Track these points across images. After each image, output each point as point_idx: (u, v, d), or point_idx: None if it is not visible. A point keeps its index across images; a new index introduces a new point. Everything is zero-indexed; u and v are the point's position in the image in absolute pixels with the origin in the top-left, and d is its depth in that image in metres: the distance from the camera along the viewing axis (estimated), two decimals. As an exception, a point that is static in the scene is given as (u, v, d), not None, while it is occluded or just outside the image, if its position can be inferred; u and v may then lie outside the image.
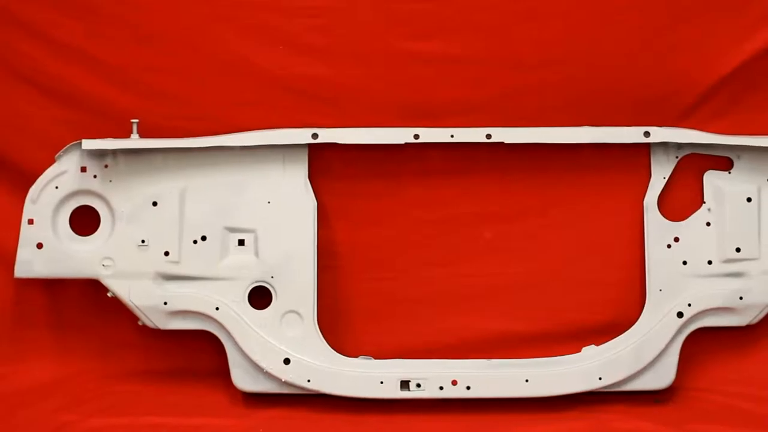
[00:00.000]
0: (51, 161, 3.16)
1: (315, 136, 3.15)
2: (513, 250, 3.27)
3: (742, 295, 3.14)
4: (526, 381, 3.10)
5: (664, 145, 3.20)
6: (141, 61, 3.23)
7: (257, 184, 3.17)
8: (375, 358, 3.16)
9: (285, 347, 3.12)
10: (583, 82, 3.24)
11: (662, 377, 3.13)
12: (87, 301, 3.27)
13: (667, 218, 3.19)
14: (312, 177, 3.19)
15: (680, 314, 3.13)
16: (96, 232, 3.18)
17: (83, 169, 3.15)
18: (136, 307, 3.13)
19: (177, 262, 3.15)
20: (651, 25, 3.22)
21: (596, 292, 3.26)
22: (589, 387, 3.11)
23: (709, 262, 3.17)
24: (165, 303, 3.13)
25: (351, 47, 3.24)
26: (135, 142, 3.14)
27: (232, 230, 3.17)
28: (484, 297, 3.28)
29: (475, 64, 3.24)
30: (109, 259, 3.14)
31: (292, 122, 3.20)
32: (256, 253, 3.16)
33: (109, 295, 3.16)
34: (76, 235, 3.17)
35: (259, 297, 3.16)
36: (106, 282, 3.14)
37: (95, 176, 3.15)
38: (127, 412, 3.10)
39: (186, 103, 3.24)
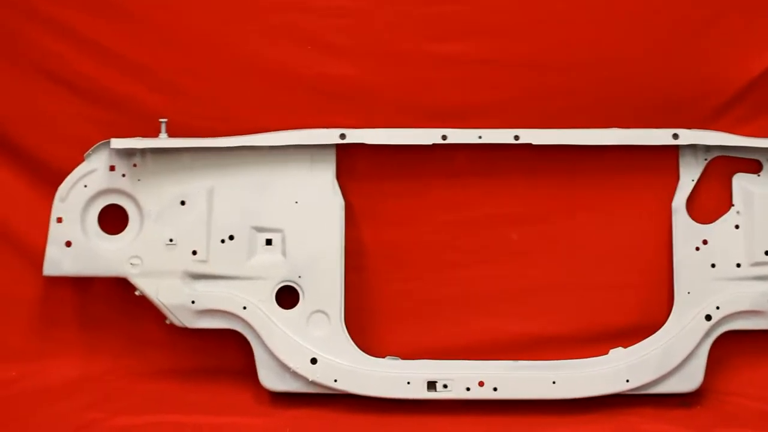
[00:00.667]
0: (80, 160, 3.18)
1: (343, 136, 3.16)
2: (540, 252, 3.27)
3: (771, 299, 3.13)
4: (553, 383, 3.09)
5: (693, 148, 3.20)
6: (170, 62, 3.25)
7: (285, 184, 3.18)
8: (402, 359, 3.16)
9: (312, 347, 3.13)
10: (610, 84, 3.23)
11: (690, 380, 3.12)
12: (115, 299, 3.28)
13: (695, 221, 3.19)
14: (339, 177, 3.19)
15: (708, 317, 3.12)
16: (124, 231, 3.19)
17: (112, 168, 3.16)
18: (164, 305, 3.14)
19: (205, 261, 3.15)
20: (679, 27, 3.21)
21: (624, 295, 3.26)
22: (616, 389, 3.10)
23: (738, 265, 3.16)
24: (192, 302, 3.13)
25: (378, 48, 3.24)
26: (163, 141, 3.15)
27: (260, 230, 3.17)
28: (511, 298, 3.28)
29: (502, 66, 3.24)
30: (137, 258, 3.15)
31: (319, 122, 3.20)
32: (284, 253, 3.16)
33: (136, 293, 3.17)
34: (105, 234, 3.18)
35: (287, 296, 3.17)
36: (134, 280, 3.15)
37: (124, 175, 3.16)
38: (154, 410, 3.10)
39: (214, 103, 3.25)
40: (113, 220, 3.19)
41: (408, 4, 3.24)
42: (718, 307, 3.13)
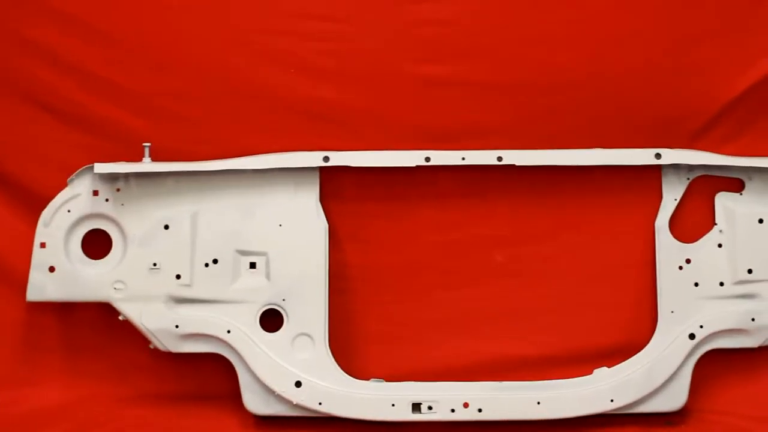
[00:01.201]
0: (63, 185, 3.18)
1: (326, 159, 3.16)
2: (524, 273, 3.27)
3: (755, 317, 3.13)
4: (538, 403, 3.09)
5: (676, 167, 3.21)
6: (153, 86, 3.25)
7: (269, 207, 3.18)
8: (386, 381, 3.16)
9: (296, 370, 3.12)
10: (594, 106, 3.25)
11: (674, 399, 3.13)
12: (99, 324, 3.27)
13: (678, 240, 3.19)
14: (323, 200, 3.19)
15: (692, 336, 3.13)
16: (108, 256, 3.18)
17: (95, 193, 3.16)
18: (148, 330, 3.13)
19: (189, 285, 3.15)
20: (661, 48, 3.23)
21: (608, 315, 3.26)
22: (600, 409, 3.11)
23: (721, 284, 3.17)
24: (176, 326, 3.13)
25: (362, 70, 3.25)
26: (147, 165, 3.15)
27: (244, 253, 3.17)
28: (496, 320, 3.28)
29: (487, 88, 3.25)
30: (121, 283, 3.15)
31: (303, 145, 3.21)
32: (268, 276, 3.16)
33: (120, 318, 3.16)
34: (88, 259, 3.18)
35: (271, 320, 3.16)
36: (118, 305, 3.15)
37: (107, 200, 3.16)
38: (139, 436, 3.10)
39: (198, 127, 3.26)
40: (97, 244, 3.19)
41: (392, 27, 3.25)
42: (701, 326, 3.13)
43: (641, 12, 3.22)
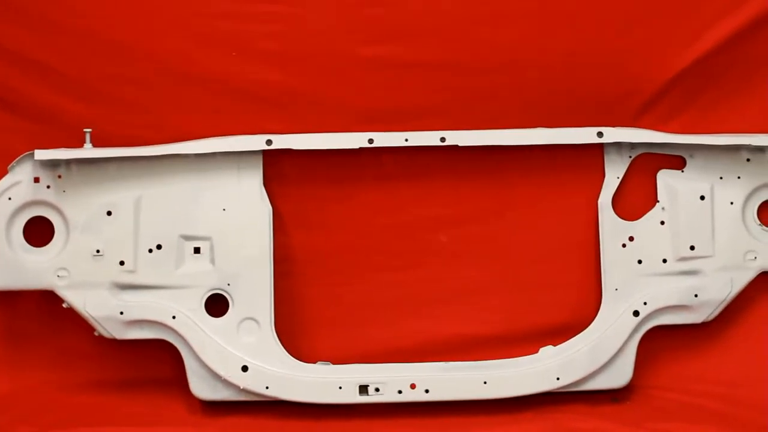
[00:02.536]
0: (3, 172, 3.14)
1: (269, 142, 3.15)
2: (469, 253, 3.28)
3: (697, 293, 3.16)
4: (485, 383, 3.11)
5: (618, 146, 3.22)
6: (93, 70, 3.21)
7: (212, 191, 3.16)
8: (333, 364, 3.16)
9: (243, 354, 3.12)
10: (537, 85, 3.25)
11: (619, 376, 3.15)
12: (42, 312, 3.25)
13: (621, 218, 3.21)
14: (267, 183, 3.18)
15: (636, 313, 3.15)
16: (50, 243, 3.16)
17: (36, 180, 3.13)
18: (92, 317, 3.11)
19: (132, 272, 3.13)
20: (602, 27, 3.23)
21: (553, 293, 3.27)
22: (547, 387, 3.12)
23: (664, 261, 3.19)
24: (121, 313, 3.11)
25: (305, 53, 3.23)
26: (88, 151, 3.13)
27: (188, 238, 3.16)
28: (442, 301, 3.28)
29: (429, 69, 3.24)
30: (64, 270, 3.13)
31: (246, 129, 3.19)
32: (212, 261, 3.15)
33: (64, 306, 3.14)
34: (31, 246, 3.15)
35: (216, 304, 3.15)
36: (61, 293, 3.13)
37: (49, 186, 3.14)
38: (85, 423, 3.07)
39: (139, 112, 3.23)
40: (39, 232, 3.16)
41: (334, 9, 3.22)
42: (645, 303, 3.15)
43: (583, -9, 3.23)
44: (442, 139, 3.16)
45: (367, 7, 3.22)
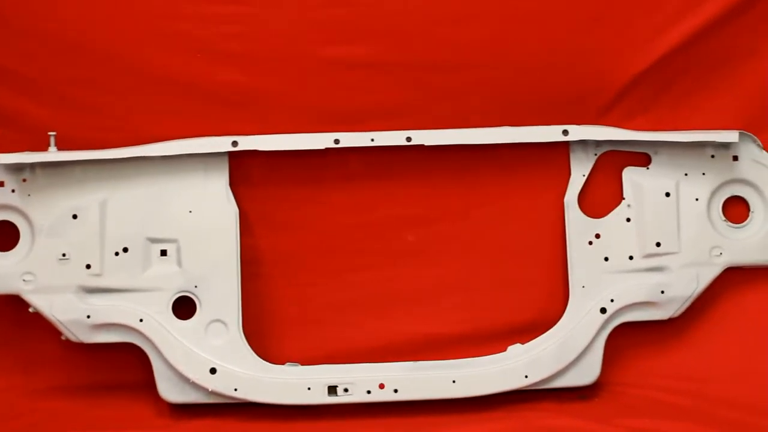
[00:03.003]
0: (-33, 177, 3.13)
1: (235, 143, 3.14)
2: (436, 253, 3.28)
3: (664, 289, 3.17)
4: (453, 382, 3.11)
5: (583, 143, 3.23)
6: (57, 73, 3.20)
7: (178, 193, 3.15)
8: (302, 365, 3.16)
9: (211, 357, 3.11)
10: (502, 84, 3.25)
11: (587, 373, 3.16)
12: (8, 317, 3.23)
13: (587, 215, 3.22)
14: (233, 185, 3.18)
15: (603, 310, 3.16)
16: (16, 247, 3.14)
17: (1, 184, 3.12)
18: (59, 321, 3.10)
19: (99, 275, 3.12)
20: (566, 26, 3.24)
21: (521, 292, 3.28)
22: (515, 385, 3.13)
23: (630, 258, 3.20)
24: (88, 316, 3.10)
25: (269, 54, 3.22)
26: (53, 155, 3.11)
27: (155, 241, 3.15)
28: (410, 300, 3.28)
29: (394, 68, 3.24)
30: (30, 274, 3.11)
31: (212, 131, 3.18)
32: (179, 263, 3.14)
33: (30, 310, 3.12)
34: (-5, 251, 3.14)
35: (184, 307, 3.14)
36: (27, 297, 3.11)
37: (13, 190, 3.12)
38: (53, 427, 3.06)
39: (104, 115, 3.21)
40: (4, 236, 3.14)
41: (298, 9, 3.21)
42: (612, 300, 3.16)
43: (546, -10, 3.24)
44: (408, 139, 3.16)
45: (329, 8, 3.21)
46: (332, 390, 3.10)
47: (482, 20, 3.23)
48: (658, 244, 3.19)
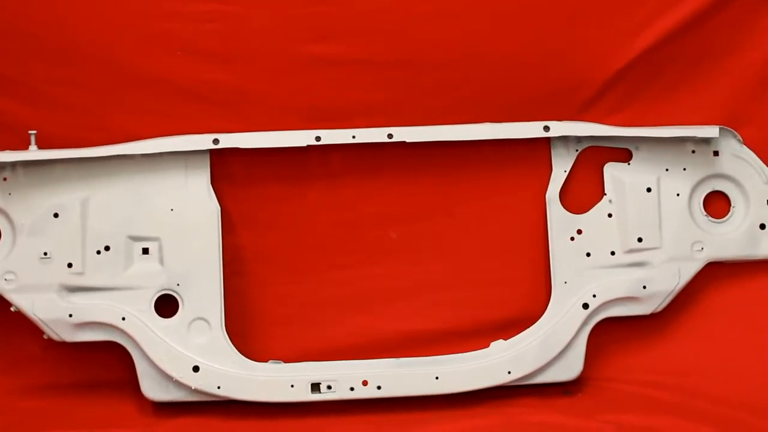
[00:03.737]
0: (-53, 176, 3.11)
1: (216, 141, 3.14)
2: (419, 250, 3.29)
3: (646, 284, 3.18)
4: (436, 378, 3.11)
5: (564, 139, 3.24)
6: (37, 72, 3.19)
7: (160, 191, 3.15)
8: (285, 362, 3.15)
9: (194, 355, 3.10)
10: (482, 81, 3.26)
11: (570, 368, 3.16)
12: (-11, 316, 3.23)
13: (569, 211, 3.23)
14: (215, 183, 3.17)
15: (585, 305, 3.17)
16: (-3, 246, 3.13)
17: (-19, 183, 3.11)
18: (41, 320, 3.09)
19: (81, 274, 3.11)
20: (547, 23, 3.25)
21: (503, 288, 3.29)
22: (498, 381, 3.13)
23: (612, 253, 3.21)
24: (70, 315, 3.09)
25: (250, 51, 3.22)
26: (34, 153, 3.10)
27: (136, 239, 3.14)
28: (393, 297, 3.28)
29: (376, 66, 3.24)
30: (11, 273, 3.10)
31: (193, 128, 3.18)
32: (161, 261, 3.13)
33: (12, 309, 3.11)
34: (-24, 250, 3.13)
35: (166, 305, 3.14)
36: (9, 296, 3.10)
37: (-6, 189, 3.12)
38: (37, 426, 3.04)
39: (84, 113, 3.21)
40: (-15, 236, 3.14)
41: (279, 7, 3.22)
42: (594, 296, 3.17)
43: (526, -13, 3.25)
44: (390, 136, 3.16)
45: (310, 5, 3.21)
46: (315, 387, 3.10)
47: (463, 17, 3.24)
48: (639, 240, 3.20)
